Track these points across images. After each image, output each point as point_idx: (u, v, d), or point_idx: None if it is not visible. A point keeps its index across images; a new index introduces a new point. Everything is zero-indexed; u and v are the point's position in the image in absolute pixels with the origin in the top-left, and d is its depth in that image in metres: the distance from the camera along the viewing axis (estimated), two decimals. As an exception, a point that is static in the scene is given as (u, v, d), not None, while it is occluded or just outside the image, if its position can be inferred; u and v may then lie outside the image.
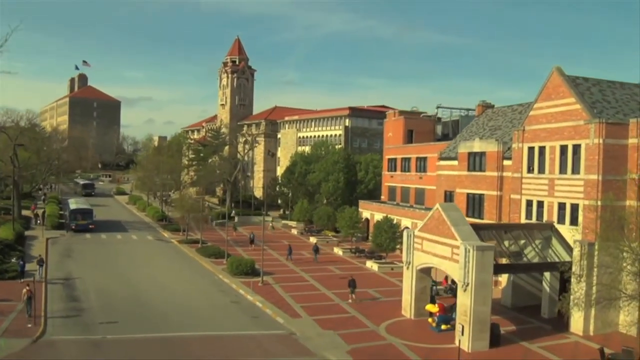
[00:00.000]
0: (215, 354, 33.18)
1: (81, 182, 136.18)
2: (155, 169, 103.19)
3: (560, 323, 40.11)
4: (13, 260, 51.28)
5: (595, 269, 35.84)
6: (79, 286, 48.60)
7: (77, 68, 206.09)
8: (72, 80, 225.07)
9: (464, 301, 35.37)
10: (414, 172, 73.93)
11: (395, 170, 78.71)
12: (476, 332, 34.97)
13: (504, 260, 41.67)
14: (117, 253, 65.08)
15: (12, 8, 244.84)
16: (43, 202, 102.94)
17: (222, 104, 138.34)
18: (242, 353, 33.68)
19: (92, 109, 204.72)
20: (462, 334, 30.66)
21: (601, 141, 38.57)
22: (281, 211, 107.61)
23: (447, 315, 39.47)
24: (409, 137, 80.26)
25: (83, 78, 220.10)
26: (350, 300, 45.93)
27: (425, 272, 42.44)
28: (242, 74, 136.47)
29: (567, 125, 41.55)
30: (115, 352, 32.75)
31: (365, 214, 79.88)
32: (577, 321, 38.61)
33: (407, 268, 42.87)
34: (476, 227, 39.30)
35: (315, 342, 35.96)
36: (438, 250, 38.90)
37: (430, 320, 40.12)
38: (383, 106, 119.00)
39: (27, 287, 38.13)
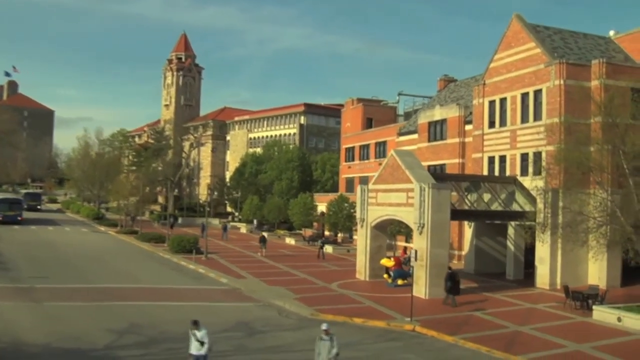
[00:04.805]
0: (151, 299, 33.31)
1: (23, 191, 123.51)
2: (90, 182, 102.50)
3: (526, 283, 41.08)
4: None
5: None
6: (6, 254, 48.64)
7: (7, 74, 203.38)
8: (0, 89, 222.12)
9: (419, 245, 35.97)
10: (373, 159, 74.69)
11: (353, 160, 79.46)
12: (433, 277, 35.61)
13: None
14: (49, 238, 64.81)
15: None
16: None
17: (166, 105, 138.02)
18: (181, 299, 33.88)
19: (22, 118, 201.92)
20: (416, 259, 31.29)
21: (562, 82, 40.05)
22: (229, 218, 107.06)
23: (404, 270, 40.06)
24: (369, 127, 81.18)
25: (13, 85, 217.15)
26: (260, 254, 54.99)
27: (381, 229, 43.11)
28: (188, 72, 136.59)
29: (528, 72, 43.06)
30: (47, 296, 32.71)
31: (321, 207, 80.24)
32: (543, 276, 39.46)
33: (362, 226, 43.52)
34: (435, 177, 40.09)
35: (261, 294, 36.31)
36: (393, 198, 39.69)
37: (385, 276, 40.70)
38: (340, 105, 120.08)
39: None
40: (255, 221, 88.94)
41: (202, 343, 18.23)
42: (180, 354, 20.51)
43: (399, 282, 39.46)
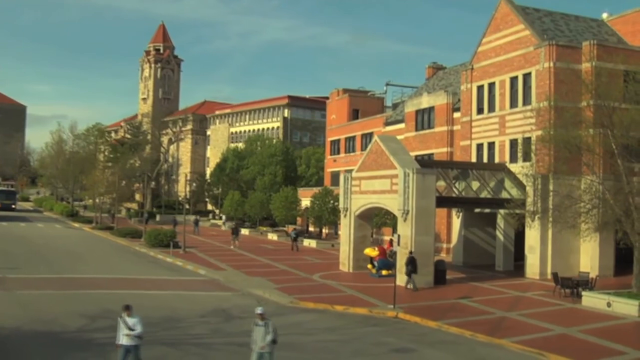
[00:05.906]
0: (127, 288, 33.68)
1: None
2: (64, 179, 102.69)
3: (516, 274, 41.51)
4: None
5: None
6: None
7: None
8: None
9: (404, 232, 36.29)
10: (359, 152, 74.90)
11: (338, 153, 79.75)
12: (418, 265, 35.95)
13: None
14: (21, 233, 65.23)
15: None
16: None
17: (144, 98, 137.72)
18: (158, 288, 34.26)
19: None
20: (399, 244, 31.68)
21: (552, 64, 40.62)
22: (210, 216, 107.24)
23: (388, 260, 40.42)
24: (355, 118, 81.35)
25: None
26: (232, 247, 57.26)
27: (365, 218, 43.54)
28: (167, 64, 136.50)
29: (517, 55, 43.64)
30: (18, 285, 33.05)
31: (305, 202, 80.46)
32: (533, 265, 39.90)
33: (345, 215, 43.91)
34: (421, 164, 40.53)
35: (240, 284, 36.66)
36: (377, 186, 40.12)
37: (369, 266, 41.10)
38: (326, 97, 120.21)
39: None
40: (224, 217, 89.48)
41: (132, 330, 16.36)
42: (157, 336, 21.35)
43: (384, 272, 39.75)
